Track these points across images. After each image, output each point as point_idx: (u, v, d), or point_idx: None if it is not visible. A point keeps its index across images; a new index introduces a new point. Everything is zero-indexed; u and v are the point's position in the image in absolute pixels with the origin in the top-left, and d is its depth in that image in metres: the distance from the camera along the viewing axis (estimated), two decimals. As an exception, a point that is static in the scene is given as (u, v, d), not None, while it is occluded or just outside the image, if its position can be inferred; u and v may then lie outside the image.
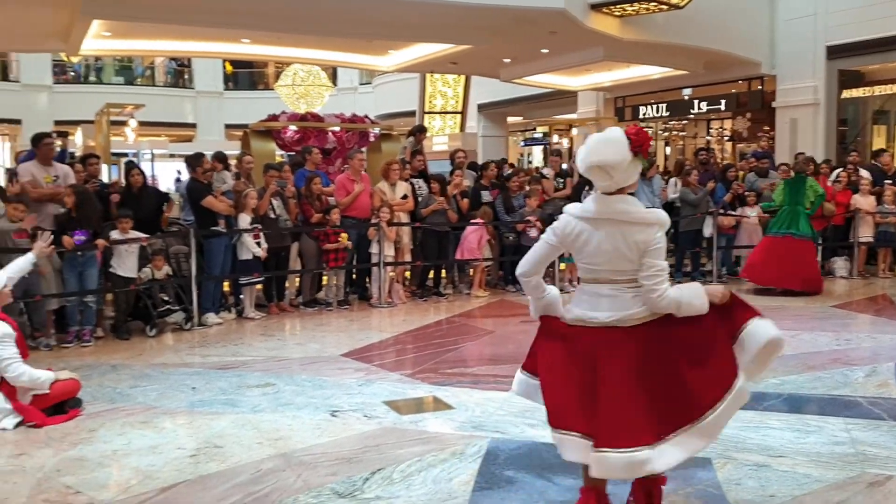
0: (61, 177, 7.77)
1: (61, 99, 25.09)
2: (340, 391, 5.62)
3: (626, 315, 3.16)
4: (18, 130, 24.90)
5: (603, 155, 3.14)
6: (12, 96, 24.63)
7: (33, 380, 4.95)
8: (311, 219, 9.02)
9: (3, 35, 12.60)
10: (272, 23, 11.05)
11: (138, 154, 19.82)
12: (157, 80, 28.27)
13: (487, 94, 20.34)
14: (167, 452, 4.40)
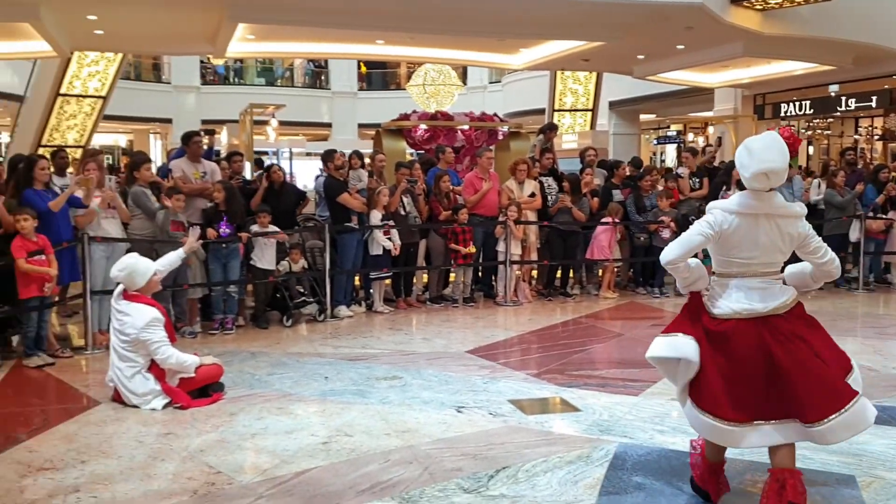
0: (209, 173, 8.22)
1: (208, 99, 26.54)
2: (466, 387, 5.67)
3: (780, 303, 3.36)
4: (169, 129, 26.55)
5: (772, 163, 3.30)
6: (164, 97, 26.28)
7: (180, 363, 5.27)
8: (440, 216, 9.14)
9: (158, 39, 13.47)
10: (407, 23, 11.27)
11: (278, 152, 20.67)
12: (296, 81, 29.40)
13: (619, 92, 19.94)
14: (301, 438, 4.58)
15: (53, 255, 6.48)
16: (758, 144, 3.36)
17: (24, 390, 5.80)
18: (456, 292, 9.31)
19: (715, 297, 3.46)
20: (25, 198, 6.61)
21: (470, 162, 12.58)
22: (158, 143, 29.61)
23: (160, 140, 29.50)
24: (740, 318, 3.34)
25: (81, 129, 15.88)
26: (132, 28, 11.88)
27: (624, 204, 9.96)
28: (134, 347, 5.24)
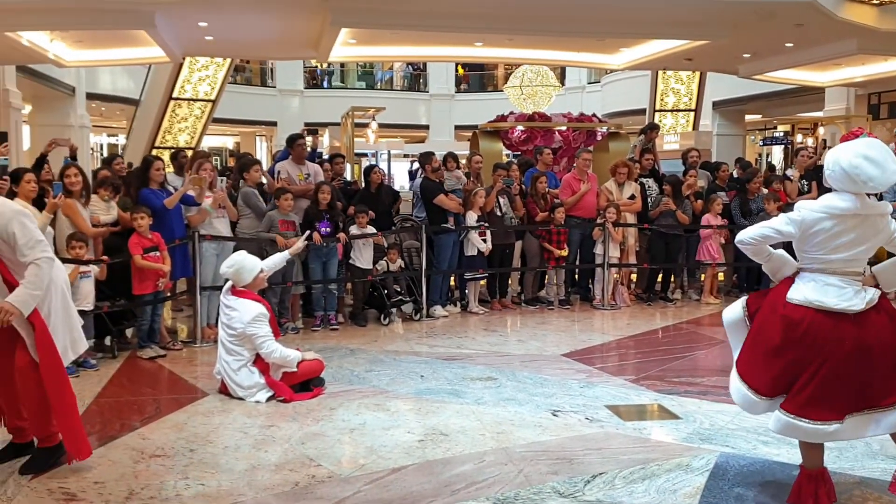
0: (312, 174, 8.45)
1: (311, 103, 27.25)
2: (562, 391, 5.63)
3: (868, 299, 3.42)
4: (274, 131, 27.41)
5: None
6: (270, 100, 27.15)
7: (283, 357, 5.43)
8: (536, 217, 9.10)
9: (264, 45, 13.92)
10: (506, 25, 11.25)
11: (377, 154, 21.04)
12: (395, 84, 29.85)
13: (724, 91, 19.33)
14: (397, 435, 4.65)
15: (167, 252, 6.80)
16: (877, 155, 3.34)
17: (137, 380, 6.10)
18: (551, 294, 9.25)
19: (796, 284, 3.55)
20: (142, 196, 6.97)
21: (568, 163, 12.49)
22: (263, 144, 30.61)
23: (265, 142, 30.48)
24: (814, 309, 3.41)
25: (192, 131, 16.57)
26: (240, 34, 12.31)
27: (729, 207, 9.66)
28: (240, 341, 5.44)
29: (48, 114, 17.48)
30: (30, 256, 3.59)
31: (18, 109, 14.18)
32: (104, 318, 6.58)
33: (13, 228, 3.56)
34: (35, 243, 3.64)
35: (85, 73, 18.23)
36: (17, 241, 3.61)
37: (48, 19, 10.43)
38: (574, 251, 9.25)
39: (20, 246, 3.61)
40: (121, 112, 21.73)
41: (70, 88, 17.52)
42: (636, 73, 18.01)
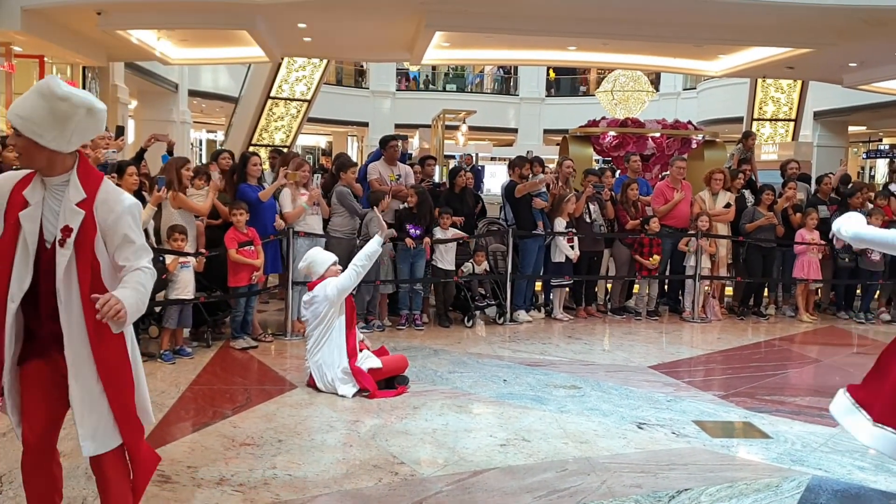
0: (403, 176, 8.55)
1: (402, 104, 27.61)
2: (648, 404, 5.53)
3: None
4: (365, 132, 27.88)
5: None
6: (363, 101, 27.63)
7: (368, 253, 5.77)
8: (626, 225, 8.96)
9: (360, 47, 14.19)
10: (602, 29, 11.13)
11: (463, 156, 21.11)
12: (485, 87, 29.91)
13: (826, 101, 18.59)
14: (479, 438, 4.66)
15: (260, 247, 7.01)
16: None
17: (230, 369, 6.31)
18: (639, 305, 9.09)
19: None
20: (240, 190, 7.20)
21: (660, 171, 12.25)
22: (355, 144, 31.17)
23: (357, 142, 31.02)
24: None
25: (287, 130, 17.02)
26: (337, 36, 12.57)
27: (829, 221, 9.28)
28: (328, 320, 5.54)
29: (152, 109, 18.26)
30: (135, 262, 2.75)
31: (126, 105, 14.84)
32: (201, 308, 6.82)
33: (124, 228, 2.74)
34: (144, 250, 2.79)
35: (188, 71, 18.97)
36: (128, 242, 2.75)
37: (157, 18, 10.91)
38: (665, 261, 9.06)
39: (129, 249, 2.75)
40: (220, 109, 22.51)
41: (174, 85, 18.26)
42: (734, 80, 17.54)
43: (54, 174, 2.70)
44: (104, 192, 2.73)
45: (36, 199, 2.69)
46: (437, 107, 17.72)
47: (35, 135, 2.60)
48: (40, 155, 2.64)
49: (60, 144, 2.63)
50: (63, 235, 2.66)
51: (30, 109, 2.60)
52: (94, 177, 2.76)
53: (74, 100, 2.63)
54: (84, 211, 2.67)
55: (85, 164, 2.76)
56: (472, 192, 9.47)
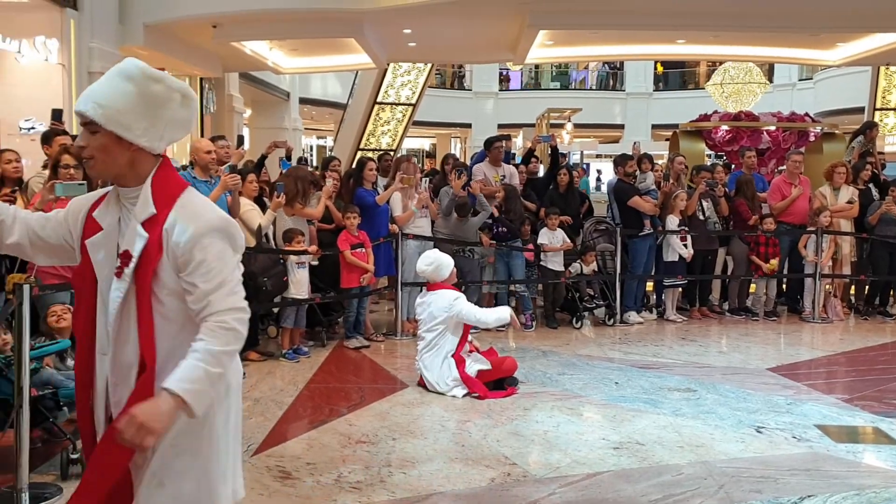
0: (507, 176, 8.56)
1: (505, 104, 27.62)
2: (766, 407, 5.34)
3: None
4: (468, 133, 28.04)
5: None
6: (465, 103, 27.80)
7: (498, 318, 5.74)
8: (749, 221, 8.64)
9: (463, 49, 14.30)
10: (712, 21, 10.82)
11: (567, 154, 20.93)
12: (590, 83, 29.53)
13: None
14: (592, 441, 4.63)
15: (371, 250, 7.18)
16: None
17: (344, 368, 6.49)
18: (757, 305, 8.77)
19: None
20: (357, 194, 7.40)
21: (776, 165, 11.81)
22: (458, 146, 31.38)
23: (460, 143, 31.24)
24: None
25: (393, 134, 17.33)
26: (441, 39, 12.72)
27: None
28: (441, 331, 5.62)
29: (266, 117, 18.96)
30: (215, 307, 1.98)
31: (241, 113, 15.48)
32: (316, 308, 7.05)
33: (198, 257, 1.99)
34: (232, 287, 2.02)
35: (298, 80, 19.59)
36: (202, 277, 1.99)
37: (269, 29, 11.34)
38: (783, 260, 8.71)
39: (203, 290, 1.99)
40: (329, 115, 23.14)
41: (285, 94, 18.91)
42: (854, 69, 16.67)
43: (131, 183, 2.06)
44: (181, 207, 2.02)
45: (109, 221, 2.08)
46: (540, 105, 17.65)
47: (121, 127, 1.98)
48: (122, 156, 2.02)
49: (152, 140, 2.03)
50: (121, 263, 2.02)
51: (112, 95, 1.99)
52: (174, 186, 2.06)
53: (169, 81, 2.06)
54: (149, 234, 2.00)
55: (166, 170, 2.08)
56: (577, 190, 9.38)
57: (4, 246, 2.15)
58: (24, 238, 2.14)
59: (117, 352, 2.06)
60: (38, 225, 2.15)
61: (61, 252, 2.20)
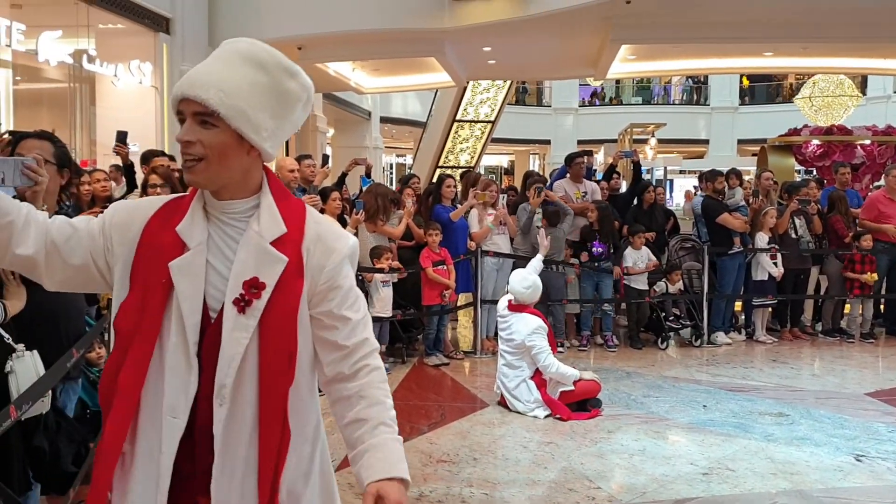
0: (589, 193, 8.44)
1: (585, 120, 27.37)
2: (866, 434, 5.07)
3: None
4: (547, 149, 27.89)
5: None
6: (544, 119, 27.68)
7: (560, 373, 5.47)
8: (845, 239, 8.28)
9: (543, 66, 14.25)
10: (802, 32, 10.47)
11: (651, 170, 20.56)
12: (673, 98, 29.01)
13: None
14: (679, 466, 4.47)
15: (452, 266, 7.17)
16: None
17: (424, 385, 6.47)
18: (852, 326, 8.37)
19: None
20: (435, 212, 7.42)
21: (871, 181, 11.32)
22: (536, 163, 31.25)
23: (538, 160, 31.10)
24: None
25: (472, 151, 17.39)
26: (521, 57, 12.70)
27: None
28: (520, 354, 5.56)
29: (348, 136, 19.30)
30: (371, 344, 1.69)
31: (324, 133, 15.79)
32: (396, 325, 7.07)
33: (346, 280, 1.66)
34: (367, 321, 1.71)
35: (380, 99, 19.88)
36: (349, 306, 1.66)
37: (352, 51, 11.55)
38: (881, 279, 8.30)
39: (356, 317, 1.67)
40: (409, 134, 23.40)
41: (367, 113, 19.21)
42: (957, 77, 15.89)
43: (238, 195, 1.61)
44: (316, 224, 1.65)
45: (198, 240, 1.58)
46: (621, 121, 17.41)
47: (250, 125, 1.54)
48: (239, 161, 1.58)
49: (275, 145, 1.62)
50: (246, 295, 1.53)
51: (241, 85, 1.54)
52: (294, 200, 1.69)
53: (303, 78, 1.64)
54: (287, 256, 1.57)
55: (276, 180, 1.68)
56: (661, 207, 9.18)
57: (11, 258, 1.56)
58: (40, 250, 1.57)
59: (232, 411, 1.53)
60: (59, 235, 1.59)
61: (81, 276, 1.62)
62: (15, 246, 1.55)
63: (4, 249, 1.56)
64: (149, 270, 1.56)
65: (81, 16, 8.55)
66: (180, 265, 1.56)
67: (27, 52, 7.99)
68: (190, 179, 1.57)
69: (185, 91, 1.52)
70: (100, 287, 1.67)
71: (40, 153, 2.98)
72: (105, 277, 1.63)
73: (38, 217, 1.59)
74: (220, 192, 1.61)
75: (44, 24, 8.16)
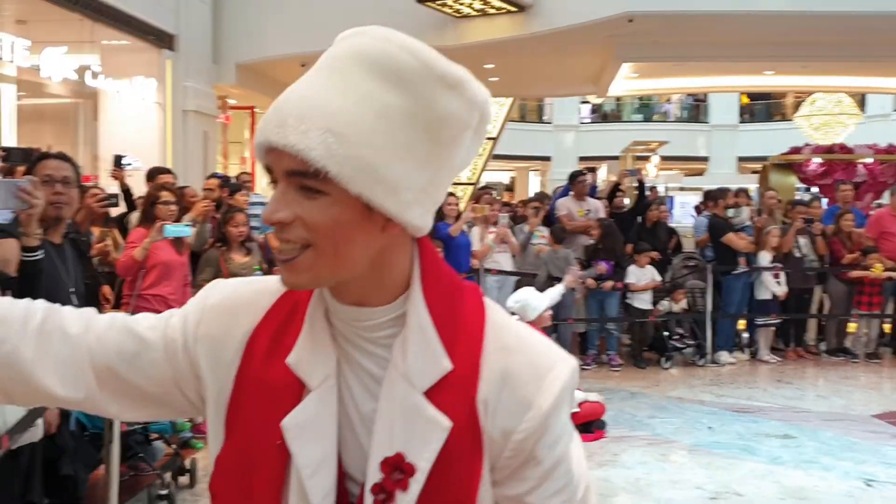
0: (592, 211, 8.42)
1: (586, 137, 27.40)
2: (875, 458, 5.02)
3: None
4: (548, 166, 27.91)
5: None
6: (545, 136, 27.70)
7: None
8: (842, 259, 8.26)
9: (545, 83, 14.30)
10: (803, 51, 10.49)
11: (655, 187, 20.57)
12: (672, 115, 29.08)
13: None
14: (686, 490, 4.42)
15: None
16: None
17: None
18: (857, 346, 8.33)
19: None
20: (436, 228, 7.39)
21: (872, 199, 11.30)
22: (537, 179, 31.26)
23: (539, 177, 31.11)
24: None
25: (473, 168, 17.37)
26: (523, 74, 12.72)
27: None
28: None
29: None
30: None
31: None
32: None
33: (548, 451, 0.95)
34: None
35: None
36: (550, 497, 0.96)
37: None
38: (886, 299, 8.26)
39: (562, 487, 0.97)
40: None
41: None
42: (959, 96, 15.94)
43: (372, 299, 0.95)
44: (501, 350, 0.95)
45: (321, 375, 0.94)
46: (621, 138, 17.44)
47: (381, 185, 0.87)
48: (369, 243, 0.91)
49: (427, 210, 0.93)
50: (387, 484, 0.91)
51: (362, 116, 0.86)
52: (469, 300, 0.98)
53: (469, 90, 0.92)
54: (452, 419, 0.91)
55: (435, 264, 0.97)
56: (665, 225, 9.16)
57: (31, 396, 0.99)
58: (82, 385, 0.97)
59: None
60: (117, 356, 0.98)
61: (161, 404, 1.03)
62: (37, 383, 0.96)
63: (24, 390, 0.97)
64: (255, 421, 0.95)
65: (86, 32, 8.57)
66: (299, 422, 0.92)
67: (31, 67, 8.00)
68: (289, 281, 0.92)
69: (271, 137, 0.86)
70: (193, 414, 1.08)
71: (68, 175, 2.96)
72: (200, 409, 1.03)
73: (68, 327, 0.98)
74: (342, 293, 0.95)
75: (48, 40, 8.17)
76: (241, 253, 5.34)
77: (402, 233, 0.92)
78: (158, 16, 9.34)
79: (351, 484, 0.94)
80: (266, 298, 1.00)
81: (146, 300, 4.63)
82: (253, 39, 10.53)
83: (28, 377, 0.95)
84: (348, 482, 0.94)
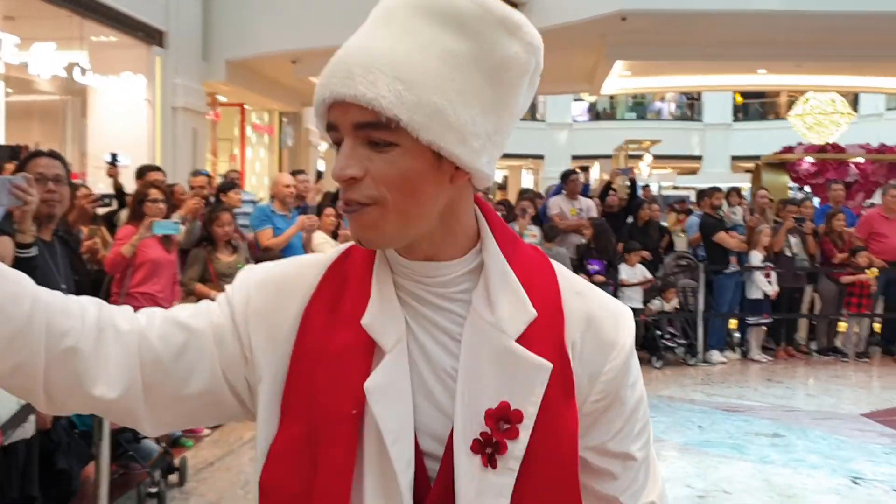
0: (584, 210, 8.43)
1: (579, 135, 27.42)
2: (862, 456, 5.03)
3: None
4: (541, 164, 27.92)
5: None
6: (538, 134, 27.68)
7: None
8: (833, 259, 8.28)
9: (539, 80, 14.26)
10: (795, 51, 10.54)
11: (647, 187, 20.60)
12: (665, 114, 29.13)
13: None
14: (675, 489, 4.41)
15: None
16: None
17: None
18: (847, 345, 8.35)
19: None
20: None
21: (864, 199, 11.35)
22: (530, 177, 31.27)
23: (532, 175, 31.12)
24: None
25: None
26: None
27: None
28: None
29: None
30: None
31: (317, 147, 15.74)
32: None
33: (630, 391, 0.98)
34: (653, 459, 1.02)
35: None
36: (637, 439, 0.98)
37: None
38: (876, 298, 8.29)
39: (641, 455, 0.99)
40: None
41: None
42: (949, 96, 15.99)
43: (443, 254, 0.93)
44: (577, 295, 0.97)
45: (395, 337, 0.91)
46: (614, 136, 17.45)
47: (451, 132, 0.85)
48: (435, 197, 0.89)
49: (493, 157, 0.91)
50: (494, 436, 0.87)
51: (427, 63, 0.85)
52: (529, 253, 0.98)
53: (527, 33, 0.90)
54: (550, 361, 0.89)
55: (498, 220, 0.98)
56: (656, 224, 9.17)
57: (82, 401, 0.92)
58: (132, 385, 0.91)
59: None
60: (165, 349, 0.92)
61: (203, 410, 0.97)
62: (90, 385, 0.89)
63: (70, 392, 0.90)
64: (322, 392, 0.90)
65: (75, 28, 8.52)
66: (380, 385, 0.88)
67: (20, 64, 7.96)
68: (361, 237, 0.89)
69: (338, 89, 0.85)
70: (232, 417, 1.00)
71: (60, 173, 2.94)
72: (245, 403, 0.97)
73: (119, 323, 0.92)
74: (412, 249, 0.92)
75: (37, 37, 8.13)
76: (226, 252, 5.32)
77: (468, 184, 0.92)
78: (148, 12, 9.30)
79: (426, 458, 0.91)
80: (313, 272, 0.97)
81: (134, 298, 4.59)
82: (243, 36, 10.49)
83: (81, 380, 0.89)
84: (423, 458, 0.91)
